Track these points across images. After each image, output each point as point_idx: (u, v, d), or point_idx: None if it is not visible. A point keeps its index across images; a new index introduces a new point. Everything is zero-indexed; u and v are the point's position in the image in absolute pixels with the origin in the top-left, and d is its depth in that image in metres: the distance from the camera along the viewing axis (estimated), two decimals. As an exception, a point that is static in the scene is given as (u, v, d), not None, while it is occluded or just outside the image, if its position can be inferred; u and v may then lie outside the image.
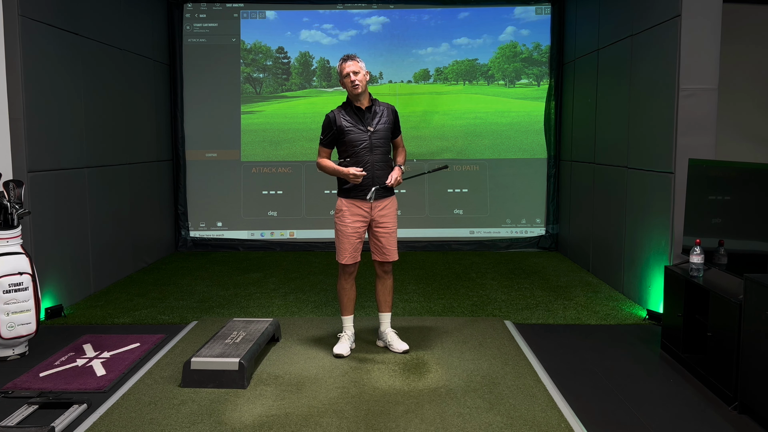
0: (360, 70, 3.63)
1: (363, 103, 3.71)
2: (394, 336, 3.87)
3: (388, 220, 3.76)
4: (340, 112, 3.72)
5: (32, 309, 3.76)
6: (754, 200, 3.31)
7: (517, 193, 7.24)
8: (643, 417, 2.97)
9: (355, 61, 3.64)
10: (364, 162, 3.67)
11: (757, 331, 2.84)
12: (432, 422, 2.88)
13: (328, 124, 3.71)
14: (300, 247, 7.16)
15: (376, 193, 3.69)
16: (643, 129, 4.78)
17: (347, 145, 3.69)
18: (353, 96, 3.68)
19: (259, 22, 7.19)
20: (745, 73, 5.60)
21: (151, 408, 3.05)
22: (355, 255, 3.74)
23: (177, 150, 7.11)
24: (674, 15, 4.26)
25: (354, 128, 3.67)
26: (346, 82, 3.64)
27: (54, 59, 4.70)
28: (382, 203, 3.75)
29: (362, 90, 3.66)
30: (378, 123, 3.72)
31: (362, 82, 3.64)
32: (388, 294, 3.90)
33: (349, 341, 3.83)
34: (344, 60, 3.66)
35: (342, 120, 3.68)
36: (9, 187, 3.75)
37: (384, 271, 3.86)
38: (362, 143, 3.67)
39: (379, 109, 3.76)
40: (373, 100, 3.77)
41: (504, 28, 7.21)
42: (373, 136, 3.69)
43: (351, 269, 3.79)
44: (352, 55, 3.67)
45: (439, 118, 7.28)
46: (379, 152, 3.70)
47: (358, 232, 3.73)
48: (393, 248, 3.81)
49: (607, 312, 4.67)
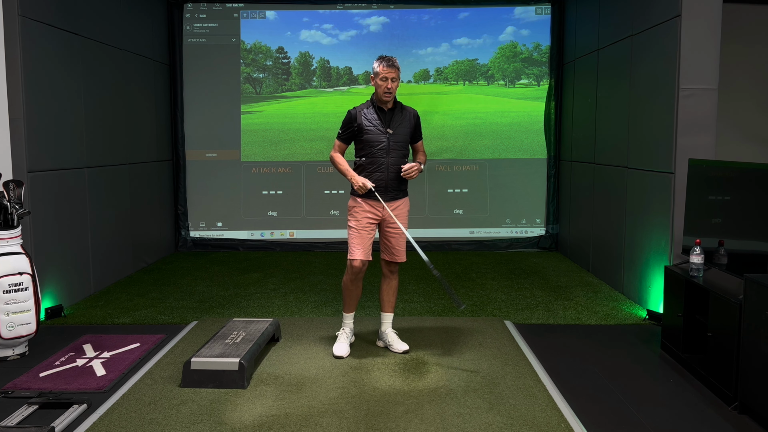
0: (397, 78, 3.59)
1: (387, 106, 3.69)
2: (395, 336, 3.87)
3: (400, 221, 3.72)
4: (363, 111, 3.68)
5: (32, 309, 3.76)
6: (754, 200, 3.31)
7: (517, 193, 7.24)
8: (643, 417, 2.97)
9: (395, 69, 3.57)
10: (379, 163, 3.65)
11: (757, 331, 2.84)
12: (432, 422, 2.89)
13: (349, 120, 3.68)
14: (300, 247, 7.16)
15: (391, 193, 3.68)
16: (643, 129, 4.78)
17: (364, 144, 3.66)
18: (380, 99, 3.65)
19: (259, 22, 7.19)
20: (745, 73, 5.60)
21: (151, 408, 3.05)
22: (367, 253, 3.69)
23: (177, 150, 7.12)
24: (674, 15, 4.26)
25: (374, 128, 3.65)
26: (381, 84, 3.58)
27: (54, 59, 4.70)
28: (395, 203, 3.73)
29: (392, 98, 3.65)
30: (399, 126, 3.70)
31: (395, 91, 3.62)
32: (392, 294, 3.88)
33: (348, 339, 3.82)
34: (385, 63, 3.56)
35: (363, 119, 3.66)
36: (9, 187, 3.75)
37: (390, 271, 3.85)
38: (380, 144, 3.64)
39: (402, 113, 3.74)
40: (397, 103, 3.74)
41: (504, 28, 7.21)
42: (392, 139, 3.66)
43: (360, 268, 3.70)
44: (393, 60, 3.58)
45: (439, 118, 7.27)
46: (395, 155, 3.67)
47: (369, 228, 3.70)
48: (402, 249, 3.79)
49: (607, 312, 4.67)
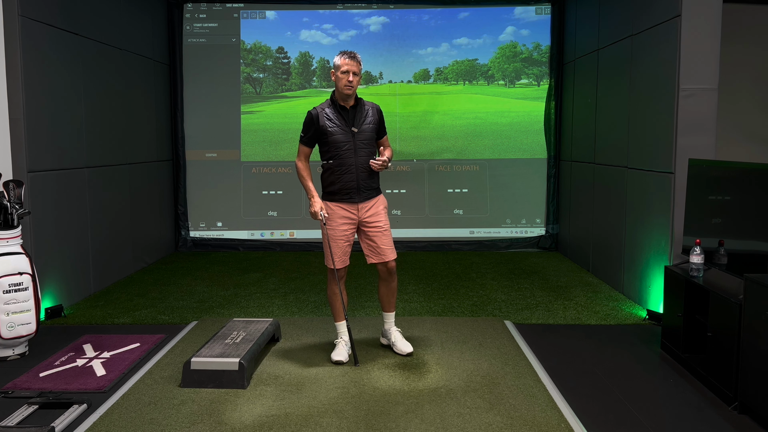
0: (359, 72, 3.51)
1: (348, 103, 3.58)
2: (399, 336, 3.79)
3: (378, 218, 3.63)
4: (323, 111, 3.57)
5: (32, 309, 3.76)
6: (754, 200, 3.31)
7: (517, 193, 7.24)
8: (643, 417, 2.97)
9: (357, 62, 3.50)
10: (347, 165, 3.54)
11: (757, 331, 2.84)
12: (432, 422, 2.88)
13: (309, 122, 3.56)
14: (300, 247, 7.16)
15: (363, 193, 3.60)
16: (643, 129, 4.78)
17: (330, 146, 3.55)
18: (341, 95, 3.55)
19: (259, 22, 7.19)
20: (745, 73, 5.60)
21: (151, 408, 3.05)
22: (344, 259, 3.63)
23: (177, 150, 7.12)
24: (674, 15, 4.26)
25: (337, 128, 3.54)
26: (341, 77, 3.48)
27: (54, 59, 4.70)
28: (369, 203, 3.63)
29: (353, 92, 3.55)
30: (363, 123, 3.59)
31: (356, 86, 3.53)
32: (391, 295, 3.78)
33: (346, 347, 3.68)
34: (346, 56, 3.50)
35: (325, 119, 3.55)
36: (9, 187, 3.75)
37: (387, 273, 3.69)
38: (346, 144, 3.54)
39: (364, 109, 3.63)
40: (358, 100, 3.63)
41: (504, 28, 7.21)
42: (357, 137, 3.55)
43: (341, 273, 3.64)
44: (354, 54, 3.52)
45: (439, 118, 7.28)
46: (363, 154, 3.57)
47: (346, 234, 3.61)
48: (389, 246, 3.65)
49: (607, 312, 4.67)
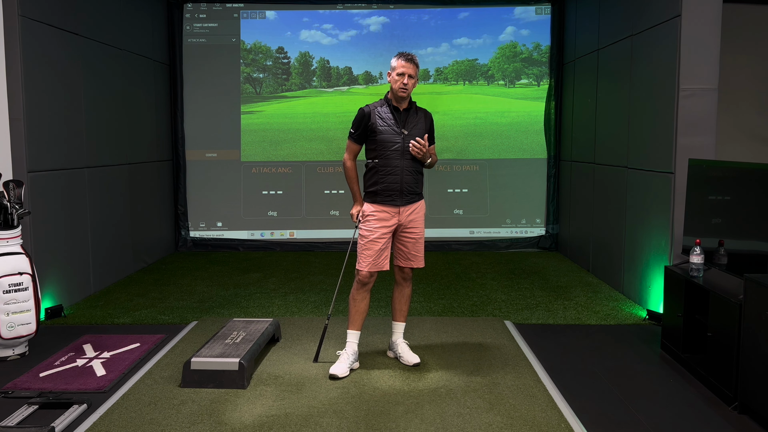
0: (415, 75, 3.43)
1: (402, 105, 3.51)
2: (406, 348, 3.66)
3: (416, 225, 3.57)
4: (376, 109, 3.50)
5: (32, 309, 3.76)
6: (754, 200, 3.31)
7: (517, 193, 7.24)
8: (643, 417, 2.97)
9: (413, 64, 3.43)
10: (393, 166, 3.46)
11: (757, 331, 2.84)
12: (432, 422, 2.88)
13: (360, 118, 3.49)
14: (300, 247, 7.16)
15: (406, 197, 3.50)
16: (643, 129, 4.78)
17: (378, 145, 3.48)
18: (396, 97, 3.48)
19: (259, 22, 7.19)
20: (745, 73, 5.60)
21: (151, 408, 3.05)
22: (377, 263, 3.46)
23: (177, 150, 7.12)
24: (674, 15, 4.26)
25: (388, 129, 3.47)
26: (397, 79, 3.42)
27: (54, 59, 4.70)
28: (412, 207, 3.54)
29: (407, 95, 3.48)
30: (413, 127, 3.52)
31: (411, 88, 3.45)
32: (404, 303, 3.68)
33: (348, 360, 3.48)
34: (402, 58, 3.42)
35: (377, 117, 3.48)
36: (9, 187, 3.75)
37: (404, 278, 3.64)
38: (394, 146, 3.46)
39: (418, 114, 3.57)
40: (412, 103, 3.57)
41: (504, 28, 7.21)
42: (407, 140, 3.47)
43: (368, 279, 3.49)
44: (412, 56, 3.44)
45: (439, 118, 7.22)
46: (410, 157, 3.49)
47: (384, 238, 3.49)
48: (420, 254, 3.61)
49: (607, 312, 4.67)
